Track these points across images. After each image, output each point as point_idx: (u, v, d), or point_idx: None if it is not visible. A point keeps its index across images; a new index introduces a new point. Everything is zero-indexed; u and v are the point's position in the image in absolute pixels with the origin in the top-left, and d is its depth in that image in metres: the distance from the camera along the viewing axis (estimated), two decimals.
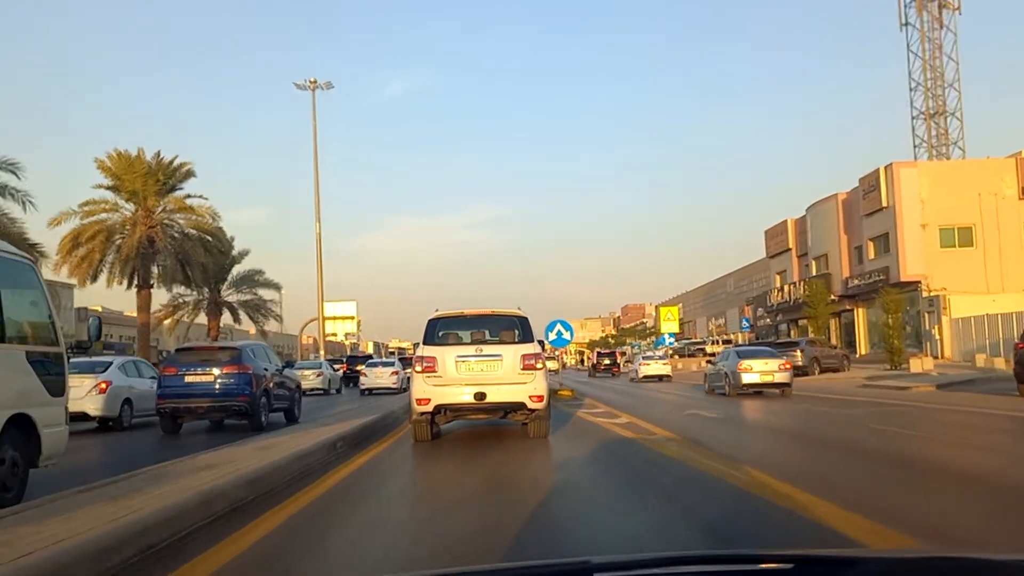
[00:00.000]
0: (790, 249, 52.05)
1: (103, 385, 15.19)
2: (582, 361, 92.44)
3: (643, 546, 4.72)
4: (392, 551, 4.95)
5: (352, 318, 47.74)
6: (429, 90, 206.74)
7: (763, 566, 1.44)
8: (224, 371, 14.00)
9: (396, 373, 30.61)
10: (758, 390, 21.43)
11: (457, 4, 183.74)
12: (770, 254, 56.06)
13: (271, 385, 14.96)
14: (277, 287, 43.43)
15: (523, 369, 10.27)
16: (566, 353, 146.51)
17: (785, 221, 52.28)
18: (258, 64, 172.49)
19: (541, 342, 11.56)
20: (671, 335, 48.21)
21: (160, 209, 34.76)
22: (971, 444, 9.98)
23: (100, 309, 45.06)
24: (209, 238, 35.54)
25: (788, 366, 22.31)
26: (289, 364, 20.35)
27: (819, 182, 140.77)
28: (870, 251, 41.16)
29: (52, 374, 7.15)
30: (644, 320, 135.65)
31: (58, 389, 7.23)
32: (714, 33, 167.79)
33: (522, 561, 3.14)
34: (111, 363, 16.36)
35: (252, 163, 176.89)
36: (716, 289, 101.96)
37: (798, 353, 31.01)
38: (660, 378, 36.17)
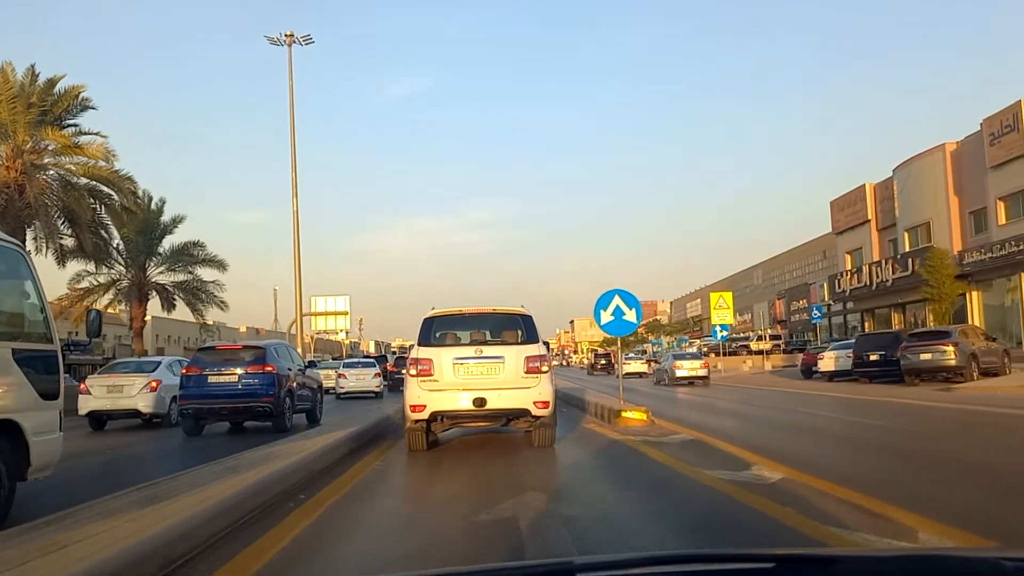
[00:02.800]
0: (868, 221, 42.00)
1: (154, 384, 15.90)
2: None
3: None
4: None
5: (345, 313, 39.31)
6: (432, 92, 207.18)
7: (743, 565, 1.41)
8: (248, 371, 13.73)
9: (379, 375, 28.18)
10: (689, 381, 29.17)
11: (459, 8, 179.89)
12: (838, 229, 45.95)
13: (295, 385, 14.63)
14: (221, 265, 33.51)
15: (527, 372, 9.39)
16: (575, 352, 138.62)
17: (863, 187, 42.24)
18: (262, 65, 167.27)
19: (546, 343, 10.73)
20: (723, 327, 38.06)
21: (44, 148, 24.91)
22: None
23: None
24: (108, 190, 25.61)
25: (706, 365, 30.62)
26: (312, 364, 18.95)
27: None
28: (1000, 214, 31.13)
29: (44, 375, 6.35)
30: (657, 317, 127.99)
31: (51, 392, 6.43)
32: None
33: (505, 562, 3.10)
34: (160, 363, 17.12)
35: (253, 167, 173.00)
36: (740, 282, 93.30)
37: (950, 348, 21.01)
38: (640, 375, 45.34)
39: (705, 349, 63.16)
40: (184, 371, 14.46)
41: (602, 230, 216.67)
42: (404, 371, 10.75)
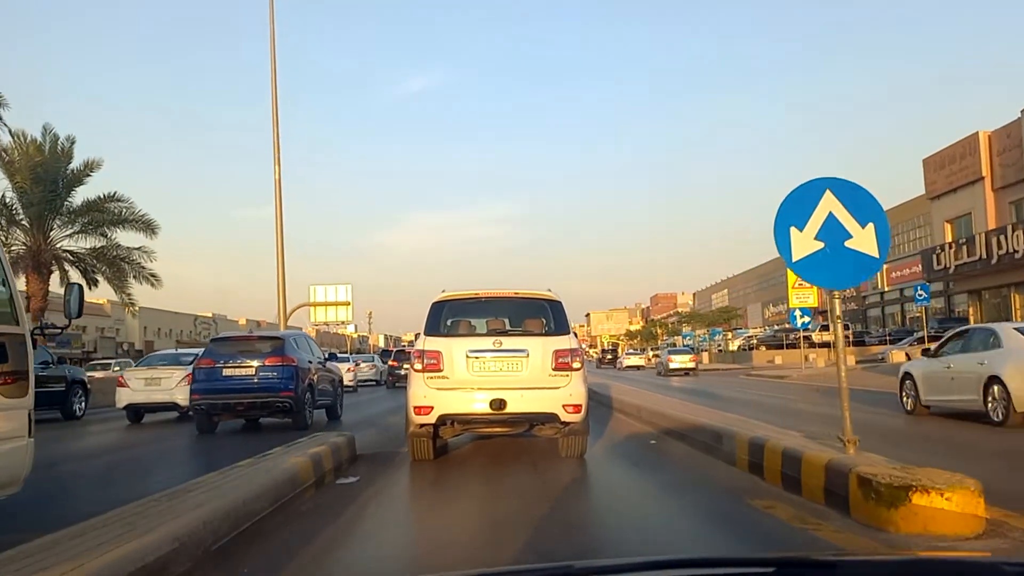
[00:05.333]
0: (981, 179, 33.39)
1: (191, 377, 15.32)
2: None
3: None
4: None
5: (347, 304, 35.80)
6: (446, 87, 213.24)
7: (744, 570, 1.38)
8: (266, 363, 12.70)
9: (352, 370, 27.73)
10: (684, 372, 37.71)
11: (472, 1, 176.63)
12: (935, 192, 37.28)
13: (315, 379, 13.67)
14: (149, 226, 25.15)
15: (555, 369, 8.00)
16: (592, 346, 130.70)
17: (974, 136, 33.57)
18: (278, 64, 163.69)
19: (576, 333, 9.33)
20: (805, 311, 29.63)
21: None
22: None
23: None
24: None
25: (695, 359, 41.58)
26: (332, 356, 16.90)
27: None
28: None
29: (6, 365, 5.01)
30: (678, 310, 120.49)
31: (17, 388, 5.06)
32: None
33: (506, 566, 2.83)
34: (199, 355, 15.71)
35: (259, 164, 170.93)
36: (774, 271, 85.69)
37: None
38: (639, 368, 50.75)
39: (755, 341, 55.48)
40: (196, 364, 13.51)
41: (615, 223, 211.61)
42: (407, 366, 9.08)
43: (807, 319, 29.84)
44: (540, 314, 8.53)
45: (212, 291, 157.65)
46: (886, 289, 53.04)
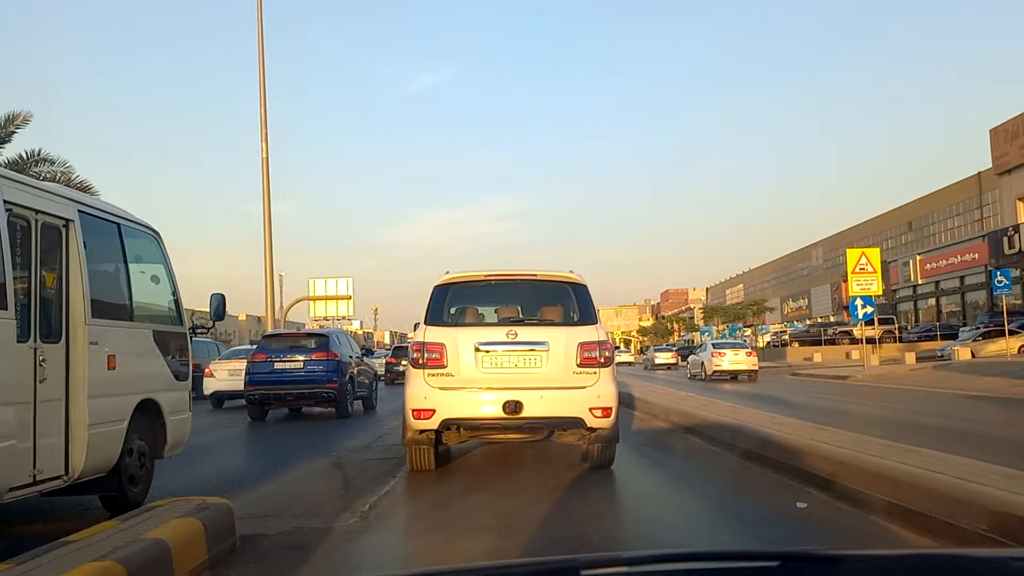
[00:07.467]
0: None
1: None
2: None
3: None
4: None
5: (348, 298, 35.22)
6: (455, 84, 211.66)
7: (748, 564, 1.41)
8: (312, 357, 14.00)
9: None
10: (667, 367, 42.64)
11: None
12: (1006, 166, 33.12)
13: (355, 372, 14.83)
14: (86, 193, 21.07)
15: (581, 365, 7.11)
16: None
17: None
18: (282, 59, 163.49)
19: None
20: (868, 301, 25.20)
21: None
22: None
23: None
24: None
25: (676, 356, 44.50)
26: (368, 352, 18.88)
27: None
28: None
29: (177, 356, 6.80)
30: (690, 306, 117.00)
31: (183, 373, 6.88)
32: None
33: (509, 560, 2.82)
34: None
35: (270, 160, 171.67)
36: (794, 264, 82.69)
37: None
38: (630, 364, 56.12)
39: (787, 337, 52.14)
40: (251, 357, 14.53)
41: (623, 219, 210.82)
42: (405, 362, 8.59)
43: (870, 309, 25.35)
44: (562, 300, 7.69)
45: (214, 286, 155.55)
46: (920, 282, 49.40)
